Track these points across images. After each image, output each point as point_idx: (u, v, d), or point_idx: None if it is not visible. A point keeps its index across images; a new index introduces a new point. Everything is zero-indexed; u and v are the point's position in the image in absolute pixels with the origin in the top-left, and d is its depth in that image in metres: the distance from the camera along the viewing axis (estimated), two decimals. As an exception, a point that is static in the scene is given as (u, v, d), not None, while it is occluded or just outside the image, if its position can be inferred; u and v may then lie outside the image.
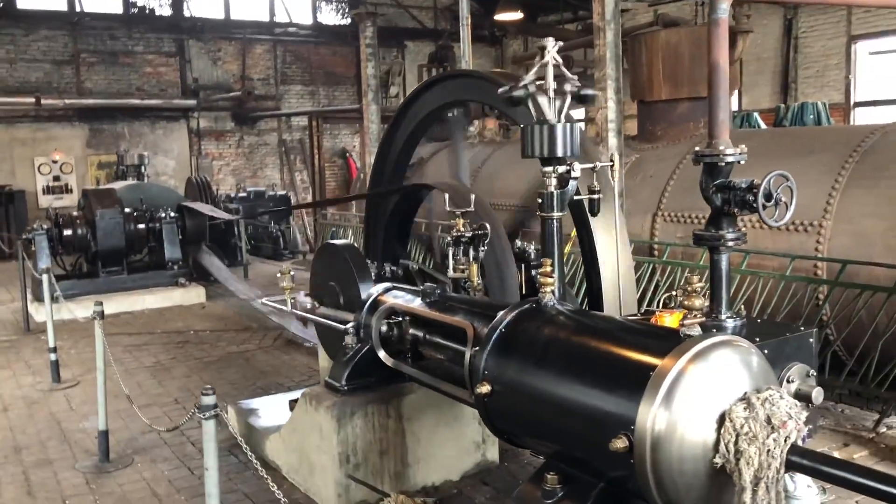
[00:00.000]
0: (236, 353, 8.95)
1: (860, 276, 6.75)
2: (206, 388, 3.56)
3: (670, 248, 8.17)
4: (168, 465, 5.83)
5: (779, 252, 7.22)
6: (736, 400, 2.92)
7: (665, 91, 9.59)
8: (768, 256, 7.30)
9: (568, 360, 3.39)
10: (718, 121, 3.76)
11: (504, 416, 3.74)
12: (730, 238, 3.78)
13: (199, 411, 3.46)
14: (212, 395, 3.48)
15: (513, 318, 3.81)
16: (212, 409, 3.43)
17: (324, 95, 22.38)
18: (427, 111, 6.87)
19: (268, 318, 10.24)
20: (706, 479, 2.92)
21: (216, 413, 3.47)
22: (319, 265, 6.22)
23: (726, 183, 3.72)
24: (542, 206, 4.36)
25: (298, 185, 21.85)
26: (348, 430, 4.83)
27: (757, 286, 6.79)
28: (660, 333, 3.31)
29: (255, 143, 21.73)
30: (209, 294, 12.44)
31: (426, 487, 5.13)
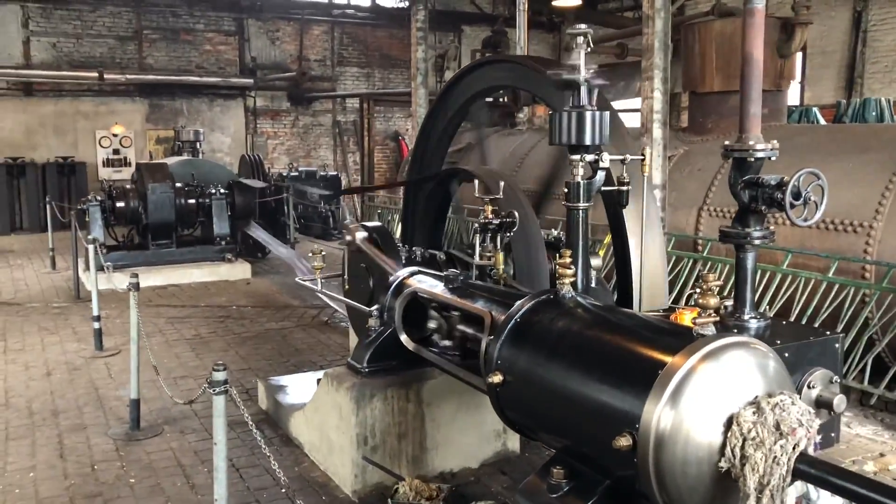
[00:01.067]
0: (274, 330, 9.07)
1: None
2: (217, 364, 3.60)
3: (712, 243, 7.97)
4: (195, 437, 5.94)
5: (826, 252, 6.99)
6: (746, 403, 2.83)
7: (717, 83, 9.34)
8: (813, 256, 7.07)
9: (578, 354, 3.33)
10: (749, 114, 3.63)
11: (515, 406, 3.69)
12: (756, 236, 3.66)
13: (210, 386, 3.50)
14: (223, 371, 3.52)
15: (529, 308, 3.75)
16: (222, 384, 3.47)
17: (379, 78, 22.43)
18: (467, 96, 6.83)
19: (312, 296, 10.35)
20: (710, 483, 2.83)
21: (226, 389, 3.50)
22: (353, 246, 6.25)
23: (755, 179, 3.59)
24: (568, 195, 4.29)
25: (350, 167, 21.98)
26: (367, 411, 4.84)
27: (798, 286, 6.58)
28: (673, 331, 3.22)
29: (310, 123, 21.92)
30: (255, 271, 12.63)
31: (444, 473, 5.12)
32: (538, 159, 11.77)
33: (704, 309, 3.07)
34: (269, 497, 4.95)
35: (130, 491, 5.05)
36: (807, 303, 6.54)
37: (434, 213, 7.00)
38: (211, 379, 3.53)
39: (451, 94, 6.99)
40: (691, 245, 8.76)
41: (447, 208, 7.11)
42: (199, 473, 5.30)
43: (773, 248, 7.05)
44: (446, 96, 7.03)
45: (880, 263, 6.38)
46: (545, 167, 9.16)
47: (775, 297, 6.79)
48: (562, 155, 6.45)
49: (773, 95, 9.41)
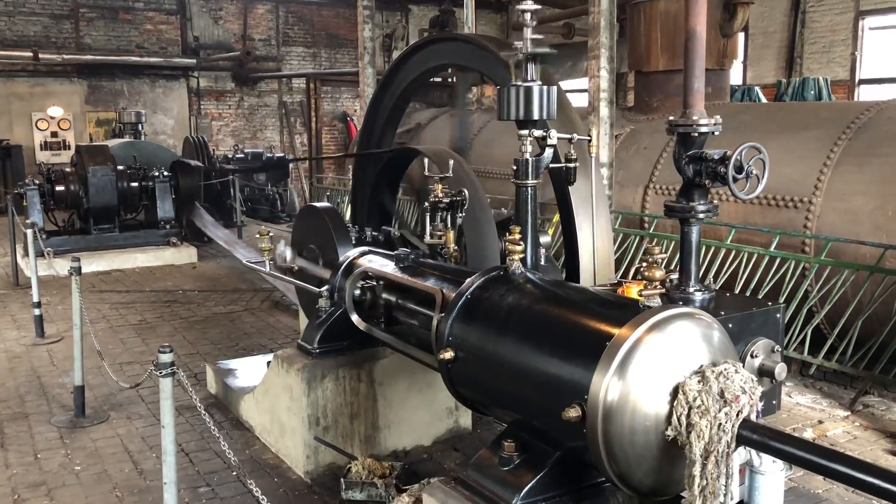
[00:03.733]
0: (222, 314, 8.95)
1: (846, 255, 6.71)
2: (162, 346, 3.54)
3: (658, 220, 8.10)
4: (143, 422, 5.84)
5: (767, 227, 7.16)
6: (691, 373, 2.89)
7: (663, 62, 9.46)
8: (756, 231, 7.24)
9: (528, 328, 3.36)
10: (693, 90, 3.68)
11: (466, 382, 3.72)
12: (700, 210, 3.72)
13: (156, 369, 3.44)
14: (169, 354, 3.45)
15: (479, 284, 3.77)
16: (168, 366, 3.41)
17: (325, 58, 22.16)
18: (415, 75, 6.79)
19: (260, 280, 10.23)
20: (657, 452, 2.90)
21: (173, 371, 3.44)
22: (301, 227, 6.20)
23: (699, 154, 3.65)
24: (517, 172, 4.30)
25: (298, 148, 21.72)
26: (318, 392, 4.82)
27: (742, 260, 6.73)
28: (620, 304, 3.27)
29: (256, 104, 21.57)
30: (201, 255, 12.41)
31: (396, 452, 5.13)
32: (488, 138, 11.80)
33: (650, 281, 3.12)
34: (220, 480, 4.90)
35: (76, 479, 4.94)
36: (750, 276, 6.70)
37: (384, 194, 6.97)
38: (157, 361, 3.47)
39: (398, 73, 6.94)
40: (638, 222, 8.90)
41: (397, 188, 7.08)
42: (147, 459, 5.21)
43: (717, 224, 7.20)
44: (394, 75, 6.98)
45: (819, 237, 6.56)
46: (497, 147, 9.16)
47: (720, 271, 6.94)
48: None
49: (717, 74, 9.56)
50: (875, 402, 5.85)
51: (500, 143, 11.18)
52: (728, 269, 6.80)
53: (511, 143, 10.38)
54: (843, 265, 6.09)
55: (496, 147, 11.14)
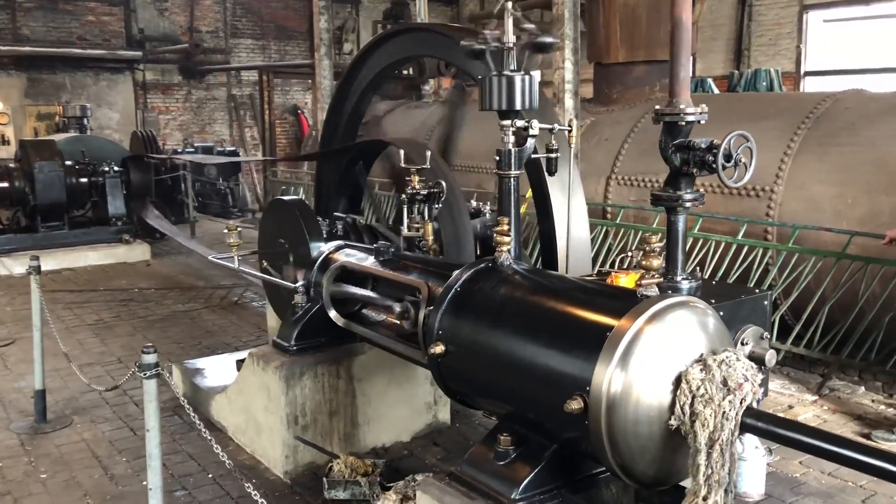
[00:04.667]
0: (182, 313, 8.73)
1: (808, 242, 6.85)
2: (146, 347, 3.41)
3: (623, 211, 8.16)
4: (109, 426, 5.65)
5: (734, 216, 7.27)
6: (692, 362, 2.89)
7: (622, 54, 9.51)
8: (719, 220, 7.34)
9: (523, 320, 3.32)
10: (679, 79, 3.68)
11: (457, 376, 3.67)
12: (688, 199, 3.72)
13: (140, 370, 3.31)
14: (153, 354, 3.33)
15: (468, 277, 3.72)
16: (153, 367, 3.28)
17: (275, 50, 21.77)
18: (381, 67, 6.69)
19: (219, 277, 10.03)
20: (660, 441, 2.89)
21: (157, 372, 3.32)
22: (268, 222, 6.05)
23: (686, 143, 3.65)
24: (500, 163, 4.27)
25: (248, 142, 21.33)
26: (297, 390, 4.71)
27: (709, 249, 6.82)
28: (617, 294, 3.26)
29: (204, 97, 21.09)
30: (154, 252, 12.12)
31: (376, 448, 5.06)
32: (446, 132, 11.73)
33: (647, 270, 3.11)
34: (196, 483, 4.76)
35: (43, 487, 4.75)
36: (717, 265, 6.79)
37: (350, 188, 6.86)
38: (141, 362, 3.34)
39: (362, 66, 6.82)
40: (600, 213, 8.96)
41: (363, 182, 6.97)
42: (118, 464, 5.05)
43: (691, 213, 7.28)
44: (358, 68, 6.86)
45: (787, 225, 6.66)
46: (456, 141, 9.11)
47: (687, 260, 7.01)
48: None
49: (675, 66, 9.67)
50: (840, 385, 5.99)
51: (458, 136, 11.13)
52: (695, 258, 6.87)
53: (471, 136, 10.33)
54: (812, 252, 6.21)
55: (459, 140, 11.07)
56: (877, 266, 5.83)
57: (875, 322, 5.75)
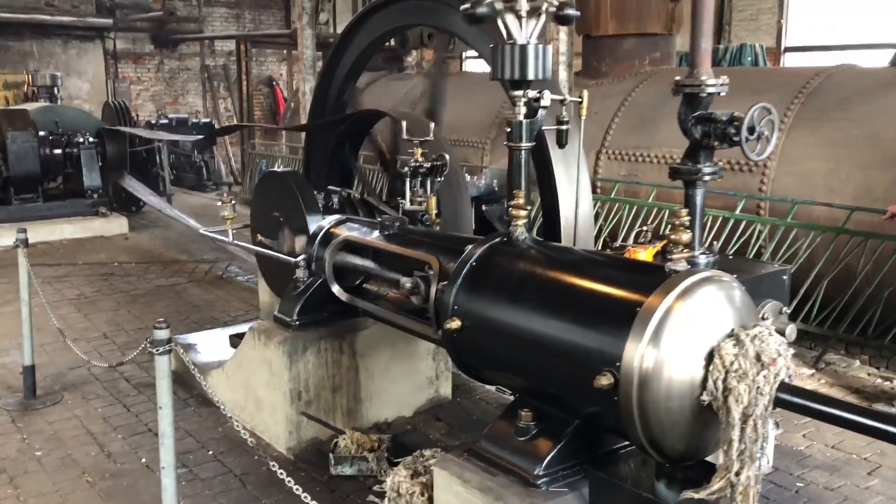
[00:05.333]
0: (166, 287, 8.56)
1: (800, 218, 6.89)
2: (159, 322, 3.30)
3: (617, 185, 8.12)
4: (101, 402, 5.52)
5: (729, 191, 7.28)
6: (724, 336, 2.86)
7: (612, 26, 9.45)
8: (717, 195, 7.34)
9: (546, 296, 3.27)
10: (700, 49, 3.63)
11: (474, 352, 3.61)
12: (707, 172, 3.69)
13: (152, 345, 3.20)
14: (165, 329, 3.22)
15: (484, 251, 3.65)
16: (165, 343, 3.17)
17: (249, 20, 21.34)
18: (374, 37, 6.55)
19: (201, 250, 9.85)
20: (691, 417, 2.87)
21: (170, 349, 3.21)
22: (262, 195, 5.90)
23: (707, 115, 3.60)
24: (511, 135, 4.19)
25: (222, 113, 20.96)
26: (300, 366, 4.63)
27: (707, 224, 6.81)
28: (644, 269, 3.22)
29: (177, 67, 20.64)
30: (132, 225, 11.86)
31: (378, 424, 5.00)
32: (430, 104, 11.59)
33: (676, 245, 3.07)
34: (197, 460, 4.67)
35: (39, 465, 4.63)
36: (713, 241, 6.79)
37: (342, 162, 6.73)
38: (153, 338, 3.22)
39: (354, 35, 6.67)
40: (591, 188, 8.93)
41: (356, 156, 6.84)
42: (114, 441, 4.93)
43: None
44: (349, 37, 6.70)
45: (785, 200, 6.66)
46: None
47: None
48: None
49: (665, 39, 9.64)
50: (836, 359, 6.04)
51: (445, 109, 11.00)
52: (692, 232, 6.86)
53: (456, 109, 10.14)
54: (811, 227, 6.24)
55: (443, 113, 10.95)
56: (875, 241, 5.86)
57: (873, 297, 5.79)
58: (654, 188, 7.63)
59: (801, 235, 6.42)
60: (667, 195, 7.80)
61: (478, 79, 12.42)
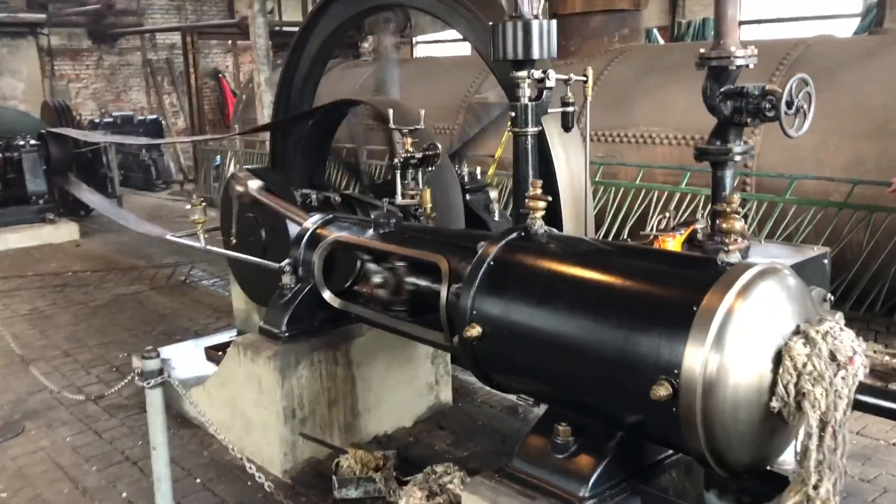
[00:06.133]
0: (127, 296, 8.03)
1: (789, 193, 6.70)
2: (148, 351, 2.89)
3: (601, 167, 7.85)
4: (69, 430, 5.05)
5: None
6: (790, 334, 2.58)
7: (579, 3, 9.17)
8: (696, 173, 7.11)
9: (583, 296, 2.94)
10: (727, 18, 3.35)
11: (497, 361, 3.28)
12: (738, 151, 3.41)
13: (142, 378, 2.79)
14: (156, 359, 2.81)
15: (501, 249, 3.31)
16: (157, 375, 2.76)
17: (191, 11, 20.50)
18: (340, 21, 6.13)
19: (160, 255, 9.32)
20: (759, 425, 2.59)
21: (163, 381, 2.80)
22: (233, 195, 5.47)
23: (738, 89, 3.32)
24: (515, 120, 3.86)
25: (167, 109, 20.16)
26: (293, 381, 4.24)
27: (699, 203, 6.59)
28: (691, 262, 2.92)
29: (117, 63, 19.75)
30: (83, 230, 11.24)
31: (378, 437, 4.65)
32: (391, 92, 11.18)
33: (727, 234, 2.77)
34: (184, 490, 4.25)
35: (6, 508, 4.18)
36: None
37: (313, 155, 6.31)
38: (142, 369, 2.81)
39: (319, 21, 6.25)
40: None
41: (328, 149, 6.42)
42: (88, 475, 4.48)
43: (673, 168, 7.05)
44: (314, 23, 6.28)
45: (784, 176, 6.44)
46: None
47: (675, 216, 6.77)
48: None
49: (633, 15, 9.40)
50: (840, 338, 5.87)
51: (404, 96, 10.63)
52: (683, 213, 6.64)
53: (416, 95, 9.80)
54: (813, 203, 6.04)
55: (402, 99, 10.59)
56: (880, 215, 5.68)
57: (879, 274, 5.62)
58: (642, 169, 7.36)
59: (797, 213, 6.21)
60: (647, 176, 7.57)
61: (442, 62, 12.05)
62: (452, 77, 10.50)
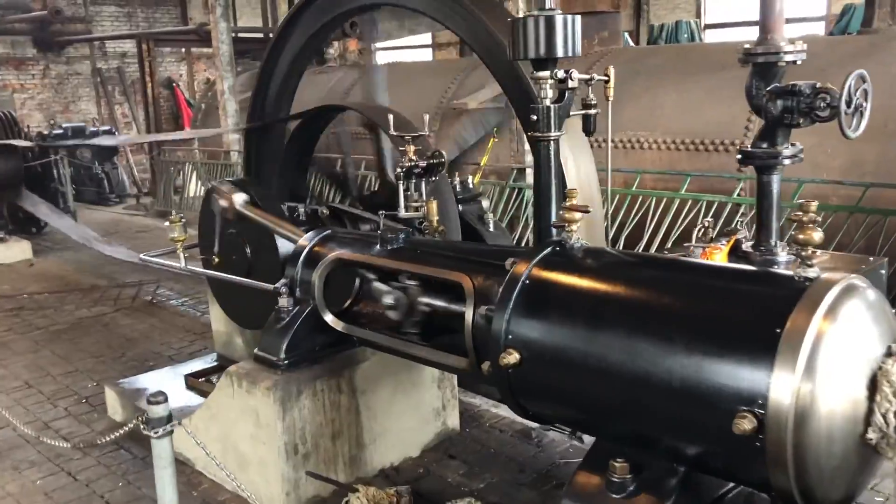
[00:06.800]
0: (90, 319, 7.52)
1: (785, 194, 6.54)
2: (153, 395, 2.51)
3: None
4: (39, 472, 4.59)
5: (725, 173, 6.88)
6: (881, 356, 2.32)
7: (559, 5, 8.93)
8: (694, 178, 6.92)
9: (642, 319, 2.64)
10: (775, 10, 3.08)
11: (537, 390, 2.96)
12: (787, 155, 3.16)
13: (148, 426, 2.41)
14: (163, 403, 2.43)
15: (537, 266, 3.00)
16: (165, 422, 2.38)
17: (143, 18, 19.85)
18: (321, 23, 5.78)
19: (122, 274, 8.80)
20: (853, 458, 2.32)
21: (171, 429, 2.42)
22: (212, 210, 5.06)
23: (788, 87, 3.06)
24: (536, 124, 3.55)
25: (119, 120, 19.45)
26: (295, 414, 3.87)
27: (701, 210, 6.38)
28: (765, 278, 2.64)
29: (65, 72, 18.98)
30: (36, 248, 10.62)
31: (385, 470, 4.29)
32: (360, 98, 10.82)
33: (804, 246, 2.50)
34: (175, 539, 3.84)
35: (-27, 567, 3.72)
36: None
37: (295, 166, 5.93)
38: (147, 416, 2.43)
39: (298, 22, 5.89)
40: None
41: (310, 158, 6.04)
42: (64, 522, 4.05)
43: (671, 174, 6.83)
44: (293, 25, 5.92)
45: (791, 180, 6.24)
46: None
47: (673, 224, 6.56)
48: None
49: (612, 17, 9.22)
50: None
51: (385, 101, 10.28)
52: (683, 221, 6.42)
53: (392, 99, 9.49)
54: (824, 208, 5.84)
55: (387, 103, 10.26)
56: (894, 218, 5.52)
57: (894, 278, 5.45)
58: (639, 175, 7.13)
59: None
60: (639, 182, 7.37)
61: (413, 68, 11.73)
62: (424, 83, 10.21)
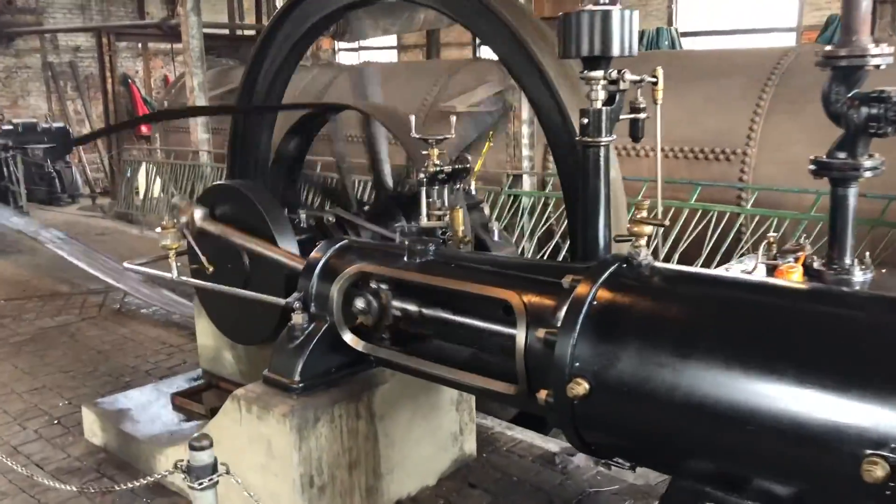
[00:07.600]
0: (54, 329, 6.99)
1: (788, 205, 6.43)
2: (196, 439, 2.13)
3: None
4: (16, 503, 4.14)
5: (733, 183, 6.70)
6: None
7: (547, 8, 8.77)
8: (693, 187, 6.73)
9: (741, 348, 2.37)
10: (861, 10, 2.84)
11: (609, 424, 2.66)
12: (868, 167, 2.93)
13: (190, 475, 2.03)
14: (208, 450, 2.06)
15: (605, 286, 2.70)
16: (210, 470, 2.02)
17: (97, 11, 19.08)
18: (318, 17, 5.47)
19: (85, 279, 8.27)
20: None
21: (217, 480, 2.05)
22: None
23: (875, 94, 2.83)
24: (586, 128, 3.28)
25: (72, 116, 18.65)
26: (311, 442, 3.51)
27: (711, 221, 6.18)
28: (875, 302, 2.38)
29: (13, 66, 18.13)
30: (-12, 252, 9.98)
31: (401, 501, 3.95)
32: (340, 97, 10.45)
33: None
34: (177, 584, 3.45)
35: None
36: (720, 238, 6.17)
37: (287, 170, 5.56)
38: (190, 464, 2.06)
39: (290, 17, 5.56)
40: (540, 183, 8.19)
41: (302, 163, 5.67)
42: (46, 566, 3.61)
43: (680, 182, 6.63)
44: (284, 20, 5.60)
45: (809, 191, 6.09)
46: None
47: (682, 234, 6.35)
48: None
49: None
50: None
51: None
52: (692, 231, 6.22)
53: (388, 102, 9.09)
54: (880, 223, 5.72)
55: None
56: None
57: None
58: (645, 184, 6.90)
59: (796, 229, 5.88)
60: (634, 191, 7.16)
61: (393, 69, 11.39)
62: (407, 84, 9.89)
